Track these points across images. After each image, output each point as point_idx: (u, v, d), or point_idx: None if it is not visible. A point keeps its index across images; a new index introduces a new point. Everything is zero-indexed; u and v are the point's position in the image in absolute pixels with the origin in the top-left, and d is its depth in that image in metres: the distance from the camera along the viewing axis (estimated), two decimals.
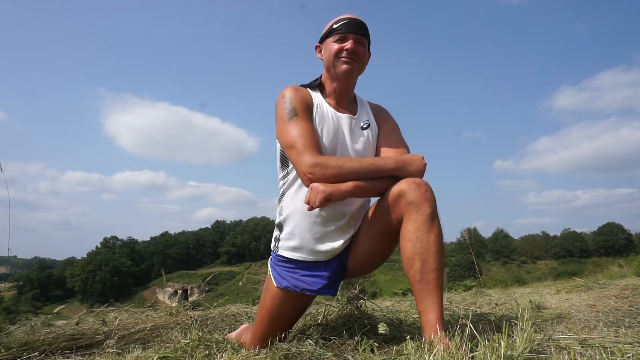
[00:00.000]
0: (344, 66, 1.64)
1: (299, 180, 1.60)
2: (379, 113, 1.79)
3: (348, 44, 1.63)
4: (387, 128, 1.74)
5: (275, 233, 1.72)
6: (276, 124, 1.63)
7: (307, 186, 1.49)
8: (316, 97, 1.69)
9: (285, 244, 1.65)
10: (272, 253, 1.75)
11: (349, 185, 1.45)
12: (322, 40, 1.72)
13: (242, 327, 1.96)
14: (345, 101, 1.73)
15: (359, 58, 1.66)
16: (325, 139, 1.60)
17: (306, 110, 1.60)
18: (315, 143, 1.52)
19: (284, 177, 1.69)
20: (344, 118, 1.67)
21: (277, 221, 1.71)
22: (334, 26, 1.66)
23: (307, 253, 1.61)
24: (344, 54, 1.63)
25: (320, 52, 1.73)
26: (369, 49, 1.72)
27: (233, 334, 1.88)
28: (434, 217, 1.41)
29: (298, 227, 1.61)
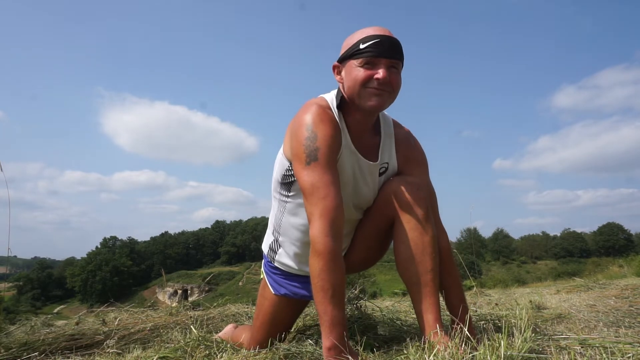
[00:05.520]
0: (373, 100, 1.32)
1: (301, 209, 1.47)
2: (406, 148, 1.54)
3: (380, 72, 1.29)
4: (409, 167, 1.54)
5: (270, 241, 1.67)
6: (291, 144, 1.39)
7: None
8: (343, 131, 1.40)
9: (281, 260, 1.63)
10: (264, 258, 1.72)
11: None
12: (343, 59, 1.36)
13: (227, 327, 1.95)
14: (367, 133, 1.47)
15: (391, 88, 1.33)
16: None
17: (330, 153, 1.31)
18: (327, 205, 1.27)
19: (285, 196, 1.52)
20: (365, 167, 1.45)
21: (273, 228, 1.64)
22: (361, 46, 1.29)
23: (303, 271, 1.60)
24: (374, 84, 1.31)
25: (339, 73, 1.39)
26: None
27: (220, 335, 1.87)
28: (428, 218, 1.39)
29: (296, 254, 1.58)
